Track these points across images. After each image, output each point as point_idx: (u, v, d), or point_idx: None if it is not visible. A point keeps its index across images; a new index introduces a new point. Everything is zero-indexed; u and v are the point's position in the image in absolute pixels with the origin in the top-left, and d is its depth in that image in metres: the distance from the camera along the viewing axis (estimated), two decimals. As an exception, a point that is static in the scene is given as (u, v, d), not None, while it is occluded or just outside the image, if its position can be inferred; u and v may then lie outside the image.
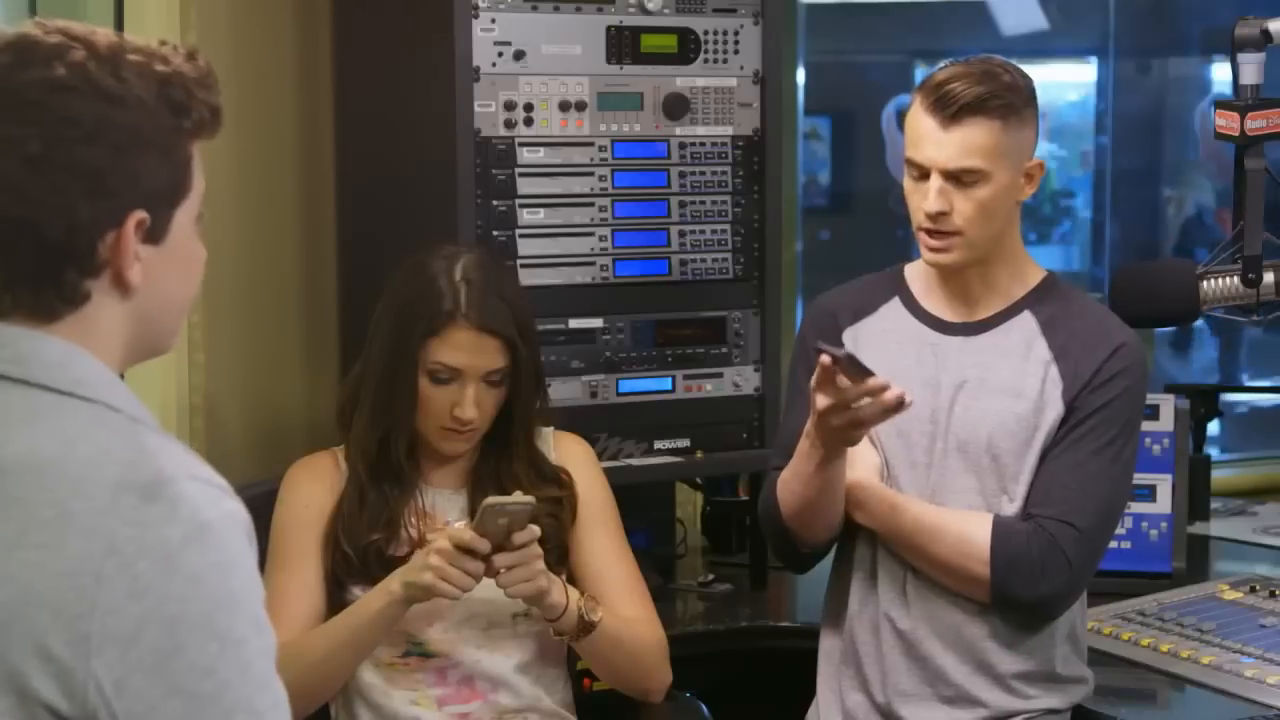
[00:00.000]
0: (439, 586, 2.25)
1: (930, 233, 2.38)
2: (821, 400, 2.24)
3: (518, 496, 2.29)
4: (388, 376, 2.42)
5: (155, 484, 1.36)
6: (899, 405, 2.21)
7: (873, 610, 2.45)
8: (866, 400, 2.22)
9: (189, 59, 1.48)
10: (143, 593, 1.32)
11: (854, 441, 2.32)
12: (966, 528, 2.38)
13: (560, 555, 2.46)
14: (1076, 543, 2.35)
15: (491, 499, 2.25)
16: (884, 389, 2.20)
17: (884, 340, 2.48)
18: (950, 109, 2.33)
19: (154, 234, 1.45)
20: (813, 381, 2.25)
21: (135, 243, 1.44)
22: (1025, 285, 2.48)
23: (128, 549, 1.33)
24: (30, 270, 1.43)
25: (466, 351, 2.39)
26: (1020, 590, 2.36)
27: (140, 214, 1.43)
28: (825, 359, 2.21)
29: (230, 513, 1.39)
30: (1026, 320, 2.45)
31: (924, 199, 2.36)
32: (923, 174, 2.37)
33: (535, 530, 2.28)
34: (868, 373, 2.21)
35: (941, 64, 2.41)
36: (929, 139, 2.35)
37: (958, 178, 2.35)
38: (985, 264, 2.44)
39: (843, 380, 2.22)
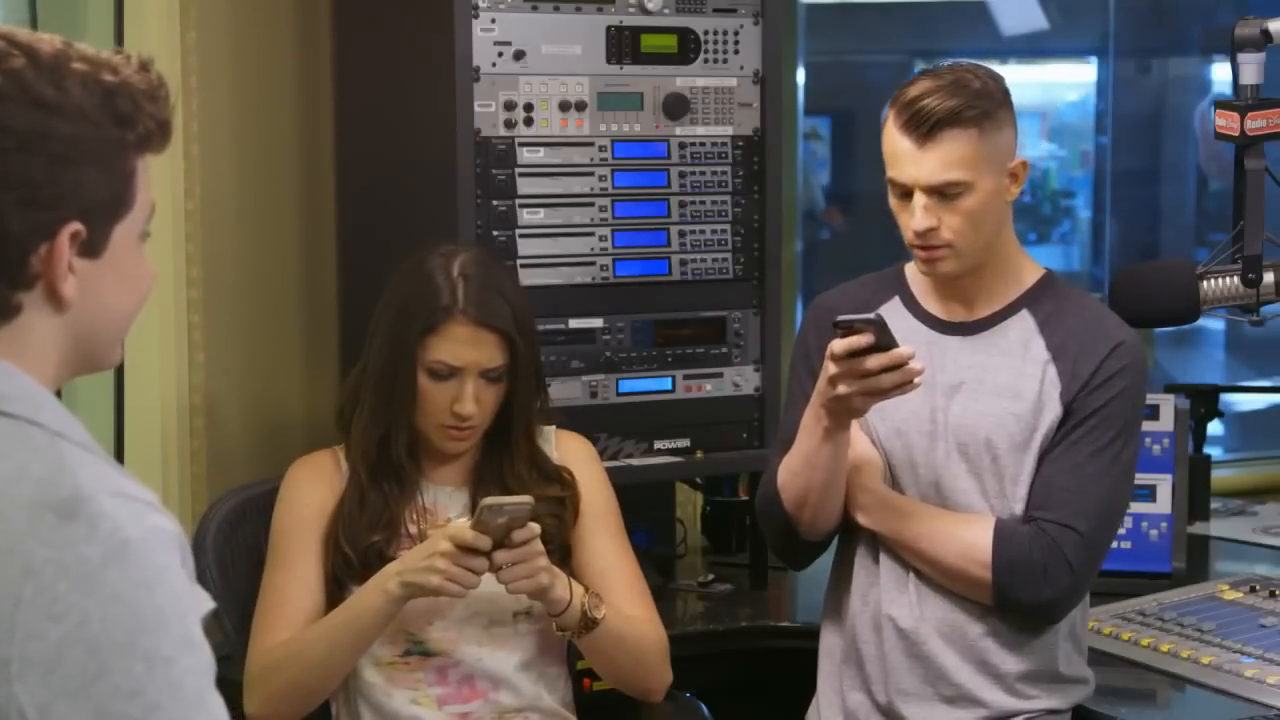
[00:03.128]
0: (447, 588, 2.25)
1: (922, 247, 2.38)
2: (835, 366, 2.24)
3: (516, 496, 2.29)
4: (387, 375, 2.42)
5: (73, 502, 1.30)
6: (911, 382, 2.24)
7: (875, 609, 2.45)
8: (887, 372, 2.23)
9: (140, 70, 1.43)
10: (63, 615, 1.27)
11: (861, 412, 2.31)
12: (968, 531, 2.37)
13: (563, 554, 2.46)
14: (1078, 546, 2.35)
15: (489, 499, 2.25)
16: (909, 358, 2.22)
17: (885, 340, 2.48)
18: (924, 126, 2.31)
19: (91, 247, 1.40)
20: (833, 349, 2.24)
21: (70, 255, 1.39)
22: (1022, 285, 2.47)
23: (46, 571, 1.28)
24: None
25: (465, 347, 2.39)
26: (1022, 594, 2.36)
27: (75, 226, 1.38)
28: (859, 338, 2.21)
29: (155, 528, 1.33)
30: (1024, 319, 2.45)
31: (911, 217, 2.35)
32: (906, 192, 2.36)
33: (535, 528, 2.28)
34: (894, 342, 2.22)
35: (916, 70, 2.40)
36: (907, 158, 2.34)
37: (941, 192, 2.33)
38: (980, 267, 2.44)
39: (862, 342, 2.22)
